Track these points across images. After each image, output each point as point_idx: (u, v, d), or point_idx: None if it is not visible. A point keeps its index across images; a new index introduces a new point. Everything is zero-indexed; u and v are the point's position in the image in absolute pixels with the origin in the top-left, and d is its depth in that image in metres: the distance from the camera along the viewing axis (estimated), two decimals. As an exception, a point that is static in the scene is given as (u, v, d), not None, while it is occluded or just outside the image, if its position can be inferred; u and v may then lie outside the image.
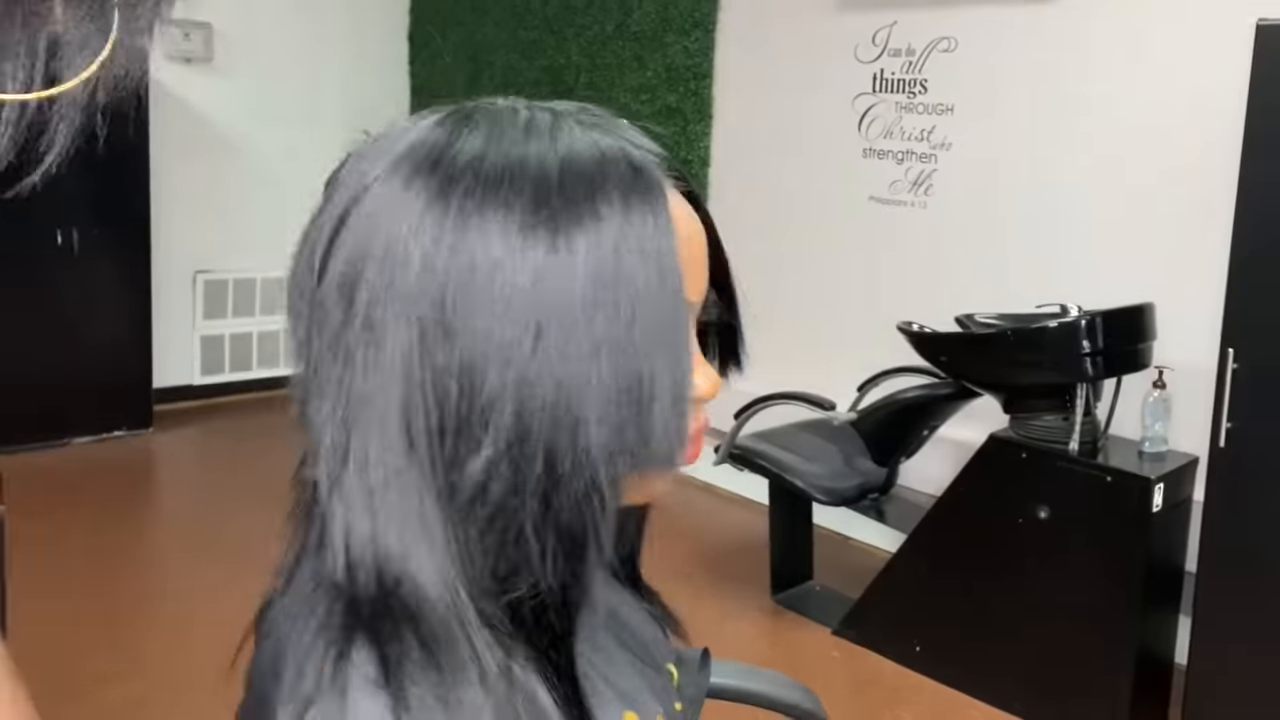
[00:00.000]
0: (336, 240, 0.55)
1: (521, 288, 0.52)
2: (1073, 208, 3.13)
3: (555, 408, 0.53)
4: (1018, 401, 2.71)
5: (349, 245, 0.54)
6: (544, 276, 0.52)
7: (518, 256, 0.52)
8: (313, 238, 0.57)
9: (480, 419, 0.53)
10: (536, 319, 0.52)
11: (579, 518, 0.55)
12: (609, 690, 0.63)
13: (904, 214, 3.55)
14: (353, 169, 0.57)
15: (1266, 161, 2.18)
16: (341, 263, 0.54)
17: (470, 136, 0.56)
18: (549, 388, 0.52)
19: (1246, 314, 2.22)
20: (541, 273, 0.52)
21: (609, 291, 0.53)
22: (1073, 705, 2.53)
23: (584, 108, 0.60)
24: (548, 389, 0.52)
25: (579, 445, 0.53)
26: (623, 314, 0.53)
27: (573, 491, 0.54)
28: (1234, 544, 2.28)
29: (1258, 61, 2.19)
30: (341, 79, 5.16)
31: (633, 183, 0.55)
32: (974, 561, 2.72)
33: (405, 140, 0.56)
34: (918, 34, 3.46)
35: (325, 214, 0.56)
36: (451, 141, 0.55)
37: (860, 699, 2.68)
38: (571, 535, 0.55)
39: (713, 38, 4.07)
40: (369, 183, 0.55)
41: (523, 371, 0.52)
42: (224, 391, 4.98)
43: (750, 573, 3.31)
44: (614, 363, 0.53)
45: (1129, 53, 2.98)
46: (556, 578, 0.56)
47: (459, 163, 0.54)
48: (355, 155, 0.59)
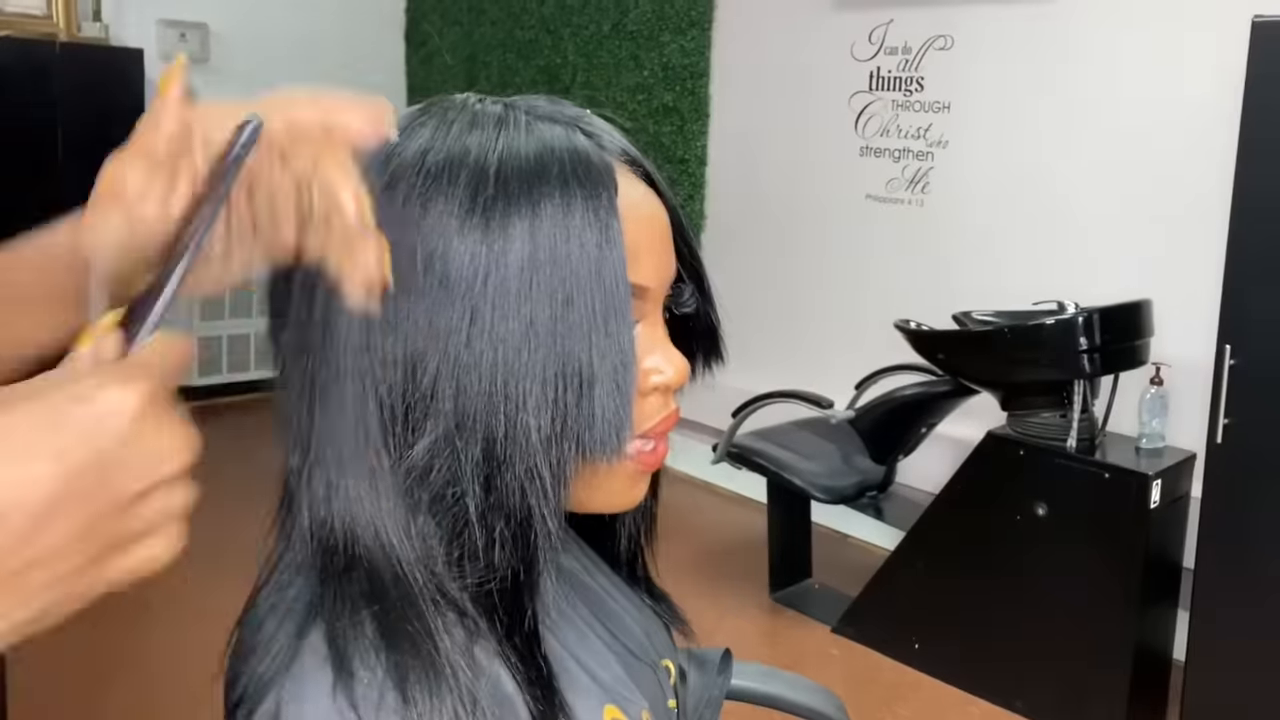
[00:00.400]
0: None
1: (457, 276, 0.53)
2: (1070, 204, 3.14)
3: (492, 394, 0.54)
4: (1015, 399, 2.71)
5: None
6: (479, 264, 0.53)
7: (455, 245, 0.54)
8: None
9: (423, 405, 0.54)
10: (471, 305, 0.53)
11: (522, 503, 0.55)
12: (591, 682, 0.63)
13: (901, 212, 3.55)
14: None
15: (1263, 157, 2.18)
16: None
17: (419, 132, 0.57)
18: (485, 373, 0.54)
19: (1244, 310, 2.22)
20: (477, 260, 0.53)
21: (544, 277, 0.54)
22: (1071, 701, 2.54)
23: (549, 99, 0.61)
24: (484, 375, 0.54)
25: (517, 430, 0.54)
26: (558, 299, 0.54)
27: (514, 477, 0.55)
28: (1231, 540, 2.28)
29: (1254, 57, 2.19)
30: (338, 79, 5.05)
31: (575, 172, 0.56)
32: (972, 558, 2.72)
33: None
34: (914, 32, 3.46)
35: None
36: (402, 138, 0.57)
37: (859, 696, 2.68)
38: (515, 521, 0.56)
39: (709, 36, 4.07)
40: None
41: (459, 357, 0.53)
42: (221, 393, 4.97)
43: (749, 571, 3.31)
44: (549, 348, 0.54)
45: (1125, 49, 2.99)
46: (505, 564, 0.56)
47: (406, 158, 0.56)
48: None
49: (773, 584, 3.21)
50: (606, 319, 0.55)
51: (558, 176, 0.55)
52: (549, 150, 0.56)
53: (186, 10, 4.72)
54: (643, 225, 0.59)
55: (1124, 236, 3.01)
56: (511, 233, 0.54)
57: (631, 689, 0.66)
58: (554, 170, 0.55)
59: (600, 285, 0.55)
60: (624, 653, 0.69)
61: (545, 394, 0.54)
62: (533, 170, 0.55)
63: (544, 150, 0.56)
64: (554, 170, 0.55)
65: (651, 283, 0.60)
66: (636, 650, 0.70)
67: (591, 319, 0.55)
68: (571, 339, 0.54)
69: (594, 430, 0.55)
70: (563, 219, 0.54)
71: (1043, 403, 2.64)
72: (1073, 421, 2.54)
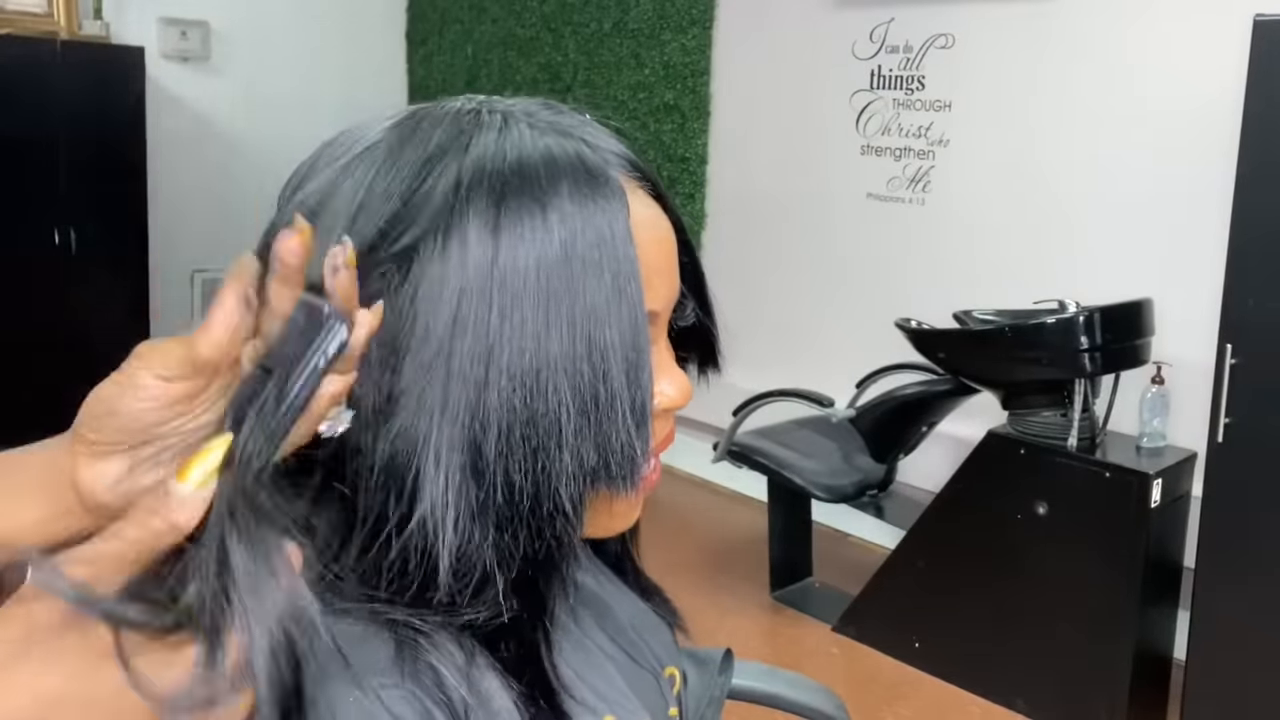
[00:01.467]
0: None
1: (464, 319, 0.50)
2: (1071, 203, 3.13)
3: (509, 435, 0.51)
4: (1016, 398, 2.71)
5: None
6: (492, 294, 0.50)
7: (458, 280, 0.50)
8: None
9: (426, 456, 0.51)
10: (484, 347, 0.50)
11: (543, 542, 0.54)
12: (588, 693, 0.61)
13: (902, 211, 3.55)
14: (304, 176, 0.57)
15: (1264, 156, 2.18)
16: None
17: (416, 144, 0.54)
18: (502, 416, 0.51)
19: (1245, 309, 2.21)
20: (489, 291, 0.50)
21: (562, 309, 0.51)
22: (1072, 700, 2.53)
23: (547, 104, 0.58)
24: (500, 417, 0.51)
25: (539, 469, 0.52)
26: (576, 334, 0.51)
27: (537, 518, 0.53)
28: (1232, 539, 2.28)
29: (1255, 56, 2.18)
30: (339, 77, 5.16)
31: (584, 189, 0.53)
32: (973, 558, 2.72)
33: (353, 150, 0.55)
34: (915, 30, 3.46)
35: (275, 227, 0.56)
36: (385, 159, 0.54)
37: (860, 696, 2.68)
38: (535, 564, 0.54)
39: (710, 35, 4.07)
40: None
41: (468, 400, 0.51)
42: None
43: (749, 570, 3.31)
44: (570, 382, 0.51)
45: (1126, 48, 2.98)
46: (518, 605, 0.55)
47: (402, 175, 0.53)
48: (310, 160, 0.58)
49: (773, 583, 3.21)
50: (626, 351, 0.53)
51: (569, 194, 0.52)
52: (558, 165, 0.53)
53: (187, 8, 4.72)
54: (652, 249, 0.57)
55: (1125, 235, 3.00)
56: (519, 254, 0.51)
57: (631, 699, 0.65)
58: (565, 186, 0.53)
59: (620, 315, 0.53)
60: (624, 661, 0.68)
61: (566, 431, 0.52)
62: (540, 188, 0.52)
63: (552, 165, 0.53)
64: (565, 186, 0.53)
65: (660, 306, 0.58)
66: (637, 657, 0.69)
67: (612, 355, 0.52)
68: (594, 373, 0.52)
69: (612, 465, 0.53)
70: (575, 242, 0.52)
71: (1043, 402, 2.64)
72: (1073, 421, 2.54)
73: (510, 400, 0.51)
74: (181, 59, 4.72)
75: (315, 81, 5.08)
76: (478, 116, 0.56)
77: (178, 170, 4.70)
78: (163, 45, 4.64)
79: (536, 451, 0.51)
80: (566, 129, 0.56)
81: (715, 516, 3.83)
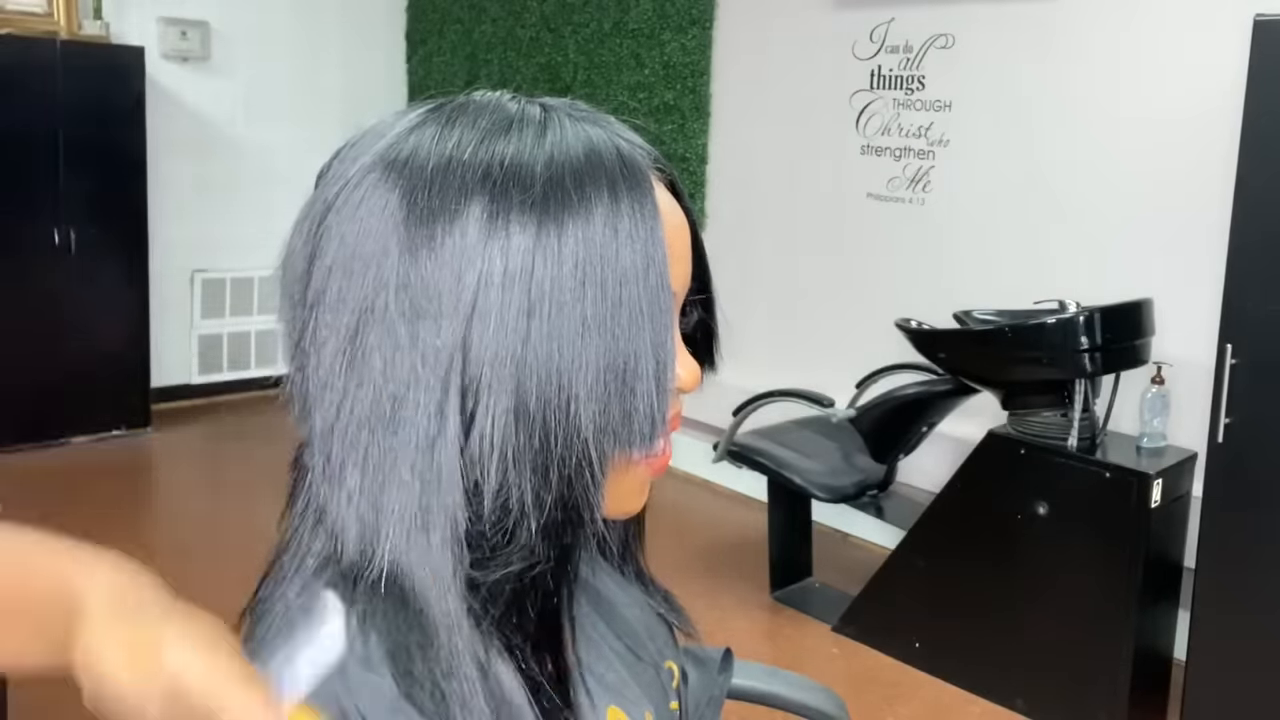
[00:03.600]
0: (318, 246, 0.56)
1: (512, 274, 0.54)
2: (1071, 203, 3.13)
3: (547, 386, 0.54)
4: (1016, 398, 2.71)
5: (332, 250, 0.55)
6: (534, 262, 0.54)
7: (505, 245, 0.54)
8: (294, 241, 0.58)
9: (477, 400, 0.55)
10: (528, 303, 0.54)
11: (572, 491, 0.56)
12: (594, 683, 0.63)
13: (902, 211, 3.55)
14: (337, 167, 0.58)
15: (1264, 156, 2.18)
16: (326, 264, 0.55)
17: (449, 132, 0.57)
18: (541, 367, 0.54)
19: (1245, 309, 2.22)
20: (531, 258, 0.54)
21: (596, 274, 0.55)
22: (1072, 701, 2.54)
23: (573, 103, 0.62)
24: (540, 369, 0.54)
25: (570, 421, 0.55)
26: (609, 296, 0.55)
27: (568, 466, 0.56)
28: (1232, 539, 2.28)
29: (1255, 56, 2.19)
30: (339, 77, 5.16)
31: (621, 173, 0.57)
32: (973, 558, 2.72)
33: (386, 138, 0.57)
34: (915, 30, 3.46)
35: (307, 216, 0.58)
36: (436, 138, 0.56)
37: (860, 696, 2.68)
38: (565, 508, 0.57)
39: (710, 35, 4.07)
40: (348, 182, 0.56)
41: (515, 353, 0.54)
42: (222, 390, 4.98)
43: (749, 570, 3.31)
44: (602, 343, 0.55)
45: (1126, 48, 2.98)
46: (546, 554, 0.57)
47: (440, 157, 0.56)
48: (342, 151, 0.59)
49: (773, 583, 3.21)
50: (654, 317, 0.57)
51: (607, 178, 0.57)
52: (598, 153, 0.57)
53: (187, 8, 4.72)
54: (671, 232, 0.60)
55: (1125, 235, 3.00)
56: (565, 231, 0.55)
57: (635, 690, 0.66)
58: (603, 172, 0.57)
59: (649, 283, 0.56)
60: (627, 654, 0.69)
61: (596, 388, 0.55)
62: (583, 172, 0.56)
63: (593, 153, 0.57)
64: (603, 172, 0.57)
65: (678, 288, 0.62)
66: (639, 651, 0.70)
67: (642, 317, 0.56)
68: (624, 335, 0.56)
69: (635, 423, 0.57)
70: (613, 219, 0.56)
71: (1044, 402, 2.64)
72: (1074, 421, 2.54)
73: (550, 353, 0.54)
74: (181, 59, 4.72)
75: (315, 81, 5.08)
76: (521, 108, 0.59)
77: (178, 170, 4.70)
78: (163, 45, 4.65)
79: (569, 402, 0.55)
80: (600, 120, 0.61)
81: (715, 516, 3.83)
